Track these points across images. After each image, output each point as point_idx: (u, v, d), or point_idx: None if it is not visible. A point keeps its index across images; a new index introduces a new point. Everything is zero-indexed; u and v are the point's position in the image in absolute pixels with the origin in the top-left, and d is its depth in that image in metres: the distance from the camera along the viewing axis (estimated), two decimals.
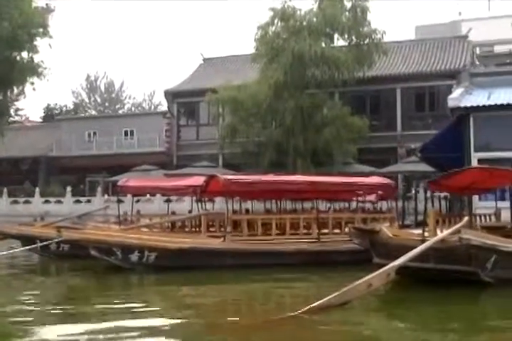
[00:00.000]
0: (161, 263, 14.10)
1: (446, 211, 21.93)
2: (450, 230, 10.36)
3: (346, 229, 15.23)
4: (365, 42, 34.47)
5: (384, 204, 22.33)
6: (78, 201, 35.88)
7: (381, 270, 8.81)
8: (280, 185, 15.99)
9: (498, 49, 52.20)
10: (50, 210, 34.02)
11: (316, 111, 33.95)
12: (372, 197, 22.02)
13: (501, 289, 10.24)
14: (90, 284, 13.73)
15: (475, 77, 29.43)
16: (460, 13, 58.14)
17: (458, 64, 37.81)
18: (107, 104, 73.05)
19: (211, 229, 17.21)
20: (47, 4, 48.55)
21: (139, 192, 23.07)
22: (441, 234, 10.15)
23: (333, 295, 8.22)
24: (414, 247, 9.64)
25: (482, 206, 17.70)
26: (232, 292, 11.97)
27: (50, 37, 39.55)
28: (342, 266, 13.48)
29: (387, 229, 11.03)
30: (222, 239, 14.87)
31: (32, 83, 41.37)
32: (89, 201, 35.89)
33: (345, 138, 33.24)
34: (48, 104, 63.45)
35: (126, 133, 46.65)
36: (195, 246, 14.41)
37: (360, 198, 21.79)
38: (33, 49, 39.67)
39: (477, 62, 44.64)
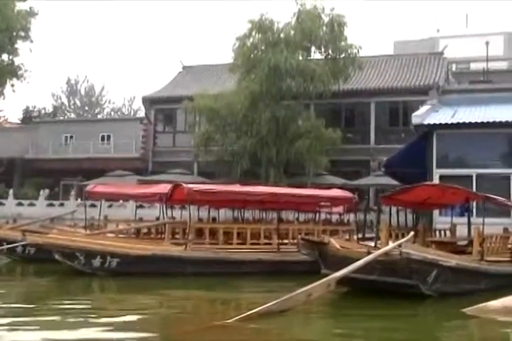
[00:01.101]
0: (123, 269, 14.45)
1: (413, 225, 22.36)
2: (394, 244, 10.78)
3: None
4: (342, 56, 34.94)
5: (352, 217, 22.72)
6: (51, 204, 35.92)
7: (322, 280, 9.20)
8: (243, 195, 16.43)
9: (474, 66, 53.02)
10: (22, 213, 34.04)
11: (290, 123, 34.34)
12: (339, 209, 22.41)
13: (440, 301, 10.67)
14: (49, 287, 14.02)
15: (446, 94, 30.22)
16: (438, 30, 58.99)
17: (432, 80, 38.39)
18: (86, 108, 72.97)
19: (176, 237, 17.54)
20: (30, 8, 48.96)
21: (106, 198, 23.26)
22: (385, 247, 10.57)
23: (273, 302, 8.60)
24: (360, 259, 10.05)
25: (442, 221, 18.17)
26: (181, 299, 12.26)
27: (31, 41, 39.89)
28: (300, 276, 13.81)
29: (335, 241, 11.43)
30: (183, 246, 15.21)
31: (12, 85, 41.69)
32: (62, 204, 35.95)
33: (319, 150, 33.61)
34: (27, 106, 63.38)
35: (103, 138, 46.73)
36: (157, 253, 14.78)
37: (326, 210, 22.24)
38: (14, 52, 39.96)
39: (452, 79, 45.45)
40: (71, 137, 47.38)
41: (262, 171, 33.14)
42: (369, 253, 10.32)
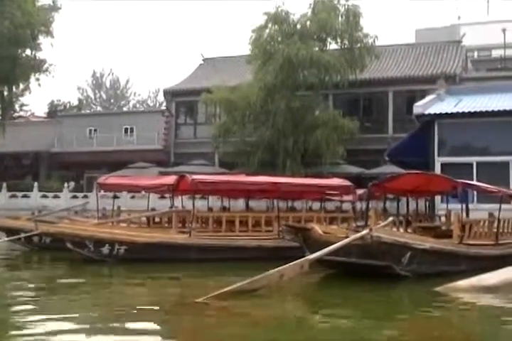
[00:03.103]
0: (131, 256, 15.20)
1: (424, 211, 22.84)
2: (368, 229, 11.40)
3: None
4: (358, 46, 35.30)
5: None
6: (75, 196, 36.88)
7: (295, 262, 9.84)
8: (245, 185, 17.08)
9: (496, 53, 52.92)
10: (47, 205, 35.07)
11: (307, 113, 34.84)
12: (350, 198, 22.95)
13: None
14: (62, 273, 14.86)
15: (464, 82, 30.54)
16: (459, 17, 58.85)
17: (450, 68, 38.66)
18: (112, 101, 74.09)
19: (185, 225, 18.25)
20: (53, 2, 49.95)
21: (117, 190, 24.10)
22: (361, 232, 11.18)
23: (245, 281, 9.25)
24: None
25: (443, 208, 18.64)
26: (180, 282, 12.99)
27: (52, 36, 40.70)
28: None
29: (318, 227, 12.07)
30: (188, 234, 15.93)
31: (37, 79, 42.67)
32: (86, 196, 36.88)
33: (336, 140, 34.05)
34: (52, 100, 64.61)
35: (126, 131, 47.68)
36: (162, 241, 15.51)
37: (337, 198, 22.79)
38: (36, 47, 40.86)
39: (470, 67, 45.53)
40: (95, 130, 48.40)
41: (279, 161, 33.68)
42: (347, 237, 10.96)
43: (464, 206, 15.94)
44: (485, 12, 61.62)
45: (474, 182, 13.74)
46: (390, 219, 12.17)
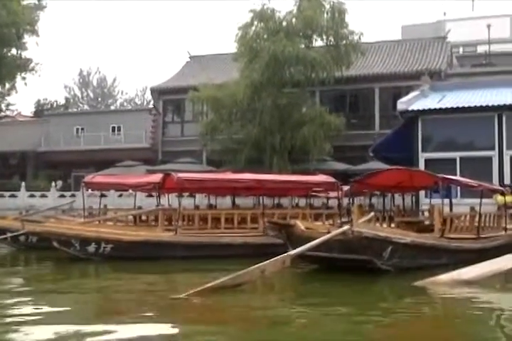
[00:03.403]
0: (117, 254, 15.28)
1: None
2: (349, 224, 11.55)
3: None
4: (343, 43, 35.44)
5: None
6: (62, 195, 36.84)
7: (276, 257, 9.96)
8: (230, 182, 17.18)
9: (481, 49, 53.21)
10: (35, 204, 35.04)
11: (294, 110, 34.97)
12: (335, 194, 23.08)
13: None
14: (46, 272, 14.93)
15: (449, 78, 30.75)
16: (445, 13, 59.15)
17: (435, 65, 38.89)
18: (99, 99, 74.03)
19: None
20: (39, 1, 49.86)
21: (104, 188, 24.14)
22: (343, 227, 11.31)
23: (227, 277, 9.36)
24: None
25: (427, 202, 18.81)
26: (164, 280, 13.10)
27: (38, 35, 40.71)
28: None
29: (301, 223, 12.20)
30: (174, 232, 16.02)
31: (24, 78, 42.66)
32: (73, 195, 36.83)
33: (323, 137, 34.18)
34: (39, 99, 64.52)
35: (113, 129, 47.70)
36: (148, 239, 15.60)
37: (323, 195, 22.91)
38: (21, 46, 40.84)
39: (456, 63, 45.79)
40: (82, 129, 48.40)
41: (266, 158, 33.81)
42: (329, 233, 11.09)
43: (448, 201, 16.15)
44: (470, 8, 61.97)
45: (455, 177, 13.88)
46: (372, 214, 12.33)
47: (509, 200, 17.81)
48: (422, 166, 19.88)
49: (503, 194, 17.30)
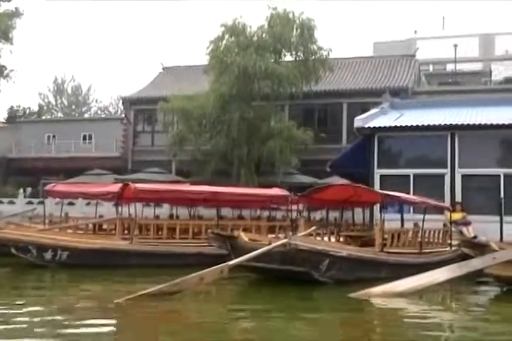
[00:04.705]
0: (73, 261, 15.72)
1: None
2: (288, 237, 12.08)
3: None
4: (312, 58, 36.10)
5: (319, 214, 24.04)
6: (30, 202, 36.96)
7: (215, 267, 10.46)
8: (186, 194, 17.68)
9: (450, 67, 54.26)
10: (2, 210, 35.11)
11: (262, 123, 35.49)
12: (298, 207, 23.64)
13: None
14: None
15: (416, 96, 31.51)
16: (415, 32, 60.21)
17: (402, 82, 39.74)
18: (73, 107, 74.12)
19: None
20: (16, 8, 50.04)
21: (65, 197, 24.51)
22: (282, 240, 11.84)
23: (164, 284, 9.84)
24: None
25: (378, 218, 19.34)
26: (110, 286, 13.50)
27: (12, 43, 40.94)
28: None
29: (244, 235, 12.72)
30: (129, 240, 16.47)
31: None
32: (41, 202, 36.90)
33: (290, 150, 34.75)
34: (12, 106, 64.49)
35: (84, 138, 47.95)
36: (103, 247, 16.05)
37: (284, 207, 23.40)
38: None
39: (424, 81, 46.75)
40: (53, 136, 48.58)
41: (234, 170, 34.30)
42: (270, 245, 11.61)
43: (403, 216, 16.78)
44: (441, 27, 63.13)
45: (396, 194, 14.42)
46: (313, 228, 12.86)
47: (457, 217, 18.48)
48: (377, 182, 20.46)
49: (453, 210, 18.01)
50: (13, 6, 48.77)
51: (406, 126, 20.19)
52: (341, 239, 15.52)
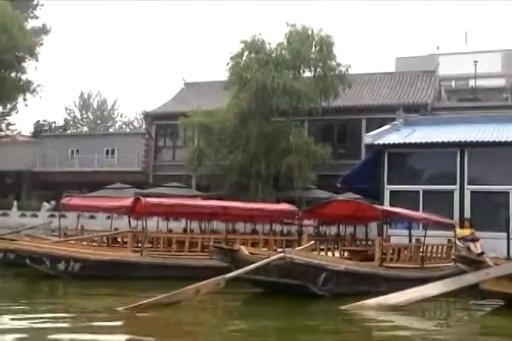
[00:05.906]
0: (85, 272, 16.18)
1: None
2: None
3: None
4: (331, 74, 36.49)
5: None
6: (52, 215, 37.65)
7: (212, 279, 10.81)
8: (196, 208, 18.09)
9: (472, 83, 54.27)
10: (26, 223, 35.83)
11: (280, 139, 35.90)
12: (311, 222, 23.91)
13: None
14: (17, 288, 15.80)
15: (436, 111, 31.64)
16: (438, 47, 60.37)
17: (422, 98, 39.93)
18: (99, 122, 75.21)
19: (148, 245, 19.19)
20: (43, 25, 51.14)
21: (79, 210, 25.03)
22: (278, 254, 12.17)
23: (162, 295, 10.22)
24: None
25: (390, 233, 19.63)
26: (115, 297, 13.80)
27: (37, 60, 41.86)
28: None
29: (245, 248, 13.06)
30: (140, 253, 16.91)
31: (25, 99, 43.76)
32: (63, 216, 37.63)
33: (308, 166, 35.08)
34: (38, 120, 65.59)
35: (107, 152, 48.68)
36: (114, 259, 16.49)
37: (297, 222, 23.71)
38: (21, 70, 41.97)
39: (444, 97, 46.83)
40: (77, 151, 49.38)
41: (252, 185, 34.68)
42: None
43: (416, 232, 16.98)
44: (463, 42, 63.24)
45: (395, 210, 14.69)
46: (311, 242, 13.17)
47: (465, 233, 18.67)
48: (387, 198, 20.77)
49: (462, 226, 18.23)
50: (40, 23, 50.20)
51: (415, 143, 20.49)
52: (345, 254, 15.82)
